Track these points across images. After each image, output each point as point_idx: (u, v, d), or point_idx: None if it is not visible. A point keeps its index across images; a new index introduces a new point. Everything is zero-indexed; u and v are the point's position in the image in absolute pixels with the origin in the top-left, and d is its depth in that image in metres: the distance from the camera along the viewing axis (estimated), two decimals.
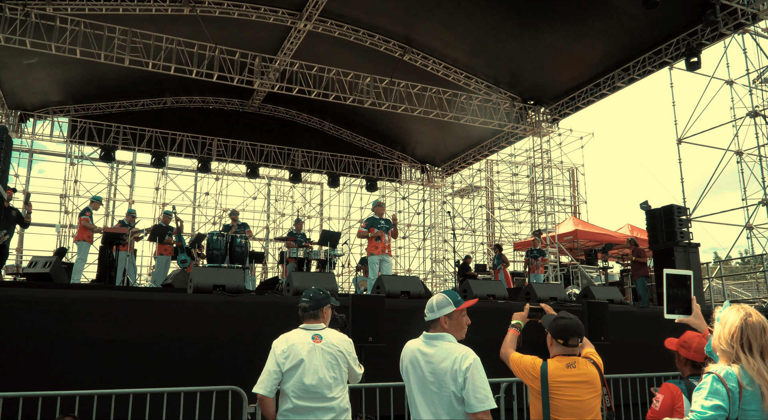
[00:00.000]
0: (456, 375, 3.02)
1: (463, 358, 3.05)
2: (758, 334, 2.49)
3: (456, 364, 3.04)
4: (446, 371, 3.06)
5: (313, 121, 20.83)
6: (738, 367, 2.47)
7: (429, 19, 14.55)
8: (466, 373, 2.99)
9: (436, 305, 3.25)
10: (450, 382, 3.03)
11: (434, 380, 3.10)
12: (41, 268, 9.31)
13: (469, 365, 3.01)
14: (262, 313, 6.81)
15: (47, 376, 5.56)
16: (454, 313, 3.25)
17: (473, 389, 2.97)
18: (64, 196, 19.72)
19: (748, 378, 2.44)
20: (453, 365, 3.04)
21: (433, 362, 3.13)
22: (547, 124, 17.37)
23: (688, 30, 12.97)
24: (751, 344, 2.47)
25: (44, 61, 14.36)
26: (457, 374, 3.01)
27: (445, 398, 3.04)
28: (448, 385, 3.04)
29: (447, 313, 3.21)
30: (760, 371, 2.42)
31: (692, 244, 11.99)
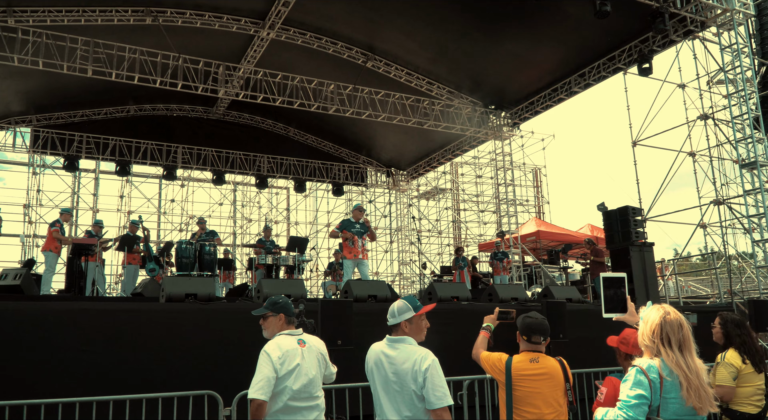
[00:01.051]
0: (416, 375, 3.31)
1: (422, 359, 3.34)
2: (675, 329, 2.85)
3: (416, 365, 3.33)
4: (407, 372, 3.35)
5: (278, 127, 20.98)
6: (659, 360, 2.83)
7: (391, 28, 14.89)
8: (426, 374, 3.29)
9: (397, 311, 3.55)
10: (411, 381, 3.33)
11: (396, 380, 3.39)
12: (12, 281, 9.33)
13: (428, 366, 3.31)
14: (233, 319, 7.00)
15: (22, 388, 5.68)
16: (414, 318, 3.54)
17: (432, 388, 3.27)
18: (27, 206, 19.50)
19: (667, 369, 2.80)
20: (413, 366, 3.33)
21: (396, 364, 3.42)
22: (508, 128, 17.85)
23: (640, 37, 13.57)
24: (670, 339, 2.83)
25: (5, 72, 14.27)
26: (417, 374, 3.31)
27: (407, 396, 3.34)
28: (409, 385, 3.33)
29: (407, 318, 3.51)
30: (678, 363, 2.78)
31: (647, 243, 12.48)
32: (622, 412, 2.82)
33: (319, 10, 14.31)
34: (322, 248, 24.26)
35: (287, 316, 4.01)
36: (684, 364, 2.78)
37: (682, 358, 2.80)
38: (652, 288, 11.80)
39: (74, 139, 18.07)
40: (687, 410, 2.79)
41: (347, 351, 6.25)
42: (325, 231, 24.87)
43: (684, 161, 15.76)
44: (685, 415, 2.80)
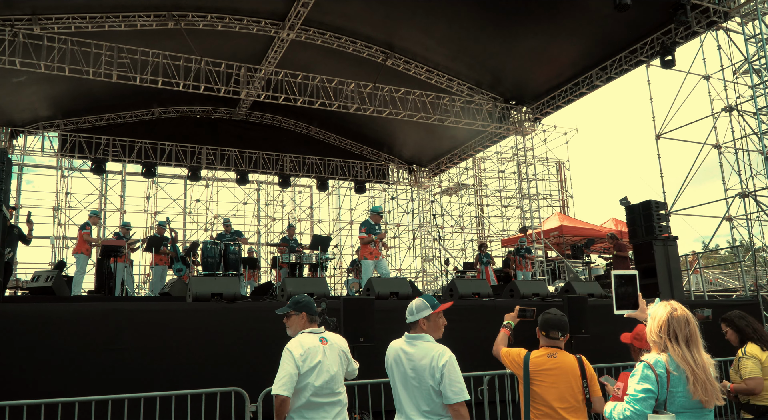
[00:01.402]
0: (434, 371, 3.44)
1: (440, 356, 3.47)
2: (682, 325, 2.93)
3: (434, 361, 3.46)
4: (425, 368, 3.47)
5: (300, 126, 21.17)
6: (666, 356, 2.90)
7: (409, 26, 14.94)
8: (443, 370, 3.42)
9: (415, 309, 3.68)
10: (429, 377, 3.46)
11: (415, 376, 3.52)
12: (43, 282, 9.61)
13: (446, 362, 3.43)
14: (258, 317, 7.15)
15: (57, 386, 5.88)
16: (432, 316, 3.67)
17: (449, 383, 3.40)
18: (56, 208, 19.95)
19: (674, 364, 2.87)
20: (431, 362, 3.46)
21: (414, 360, 3.54)
22: (529, 124, 17.80)
23: (662, 29, 13.43)
24: (677, 334, 2.91)
25: (33, 78, 14.60)
26: (435, 370, 3.43)
27: (425, 392, 3.47)
28: (427, 380, 3.46)
29: (425, 315, 3.64)
30: (685, 357, 2.85)
31: (671, 237, 12.40)
32: (630, 406, 2.90)
33: (338, 10, 14.40)
34: (345, 246, 24.42)
35: (309, 315, 4.12)
36: (691, 359, 2.85)
37: (689, 353, 2.87)
38: (676, 282, 11.72)
39: (101, 142, 18.44)
40: (694, 403, 2.85)
41: (370, 348, 6.36)
42: (348, 229, 25.04)
43: (709, 154, 15.59)
44: (691, 408, 2.87)
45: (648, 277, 11.94)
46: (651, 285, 11.71)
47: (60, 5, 12.97)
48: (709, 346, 3.61)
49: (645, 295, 8.09)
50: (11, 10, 12.75)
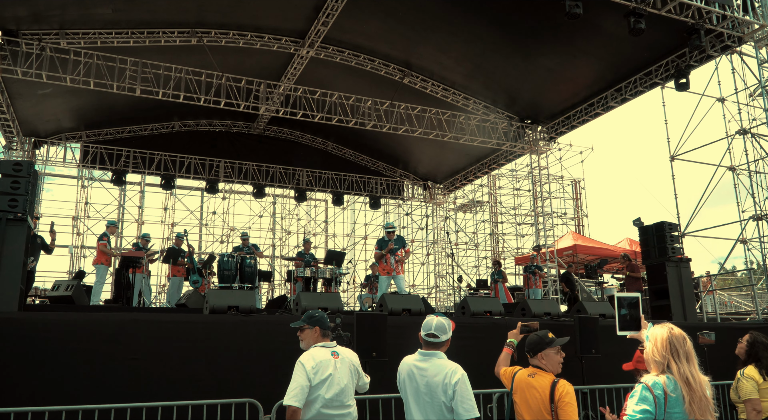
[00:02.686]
0: (446, 387, 3.59)
1: (452, 373, 3.63)
2: (681, 342, 3.09)
3: (447, 378, 3.61)
4: (438, 384, 3.63)
5: (316, 141, 21.43)
6: (664, 377, 3.03)
7: (426, 45, 15.16)
8: (455, 387, 3.57)
9: (448, 327, 3.86)
10: (441, 393, 3.61)
11: (427, 391, 3.67)
12: (64, 292, 9.83)
13: (458, 380, 3.59)
14: (273, 331, 7.29)
15: (77, 393, 6.05)
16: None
17: (461, 400, 3.55)
18: (75, 218, 20.30)
19: (672, 385, 2.99)
20: (444, 379, 3.61)
21: (427, 376, 3.69)
22: (544, 142, 17.90)
23: (677, 52, 13.53)
24: (678, 351, 3.03)
25: (57, 91, 14.96)
26: (447, 387, 3.59)
27: (437, 407, 3.61)
28: (439, 396, 3.61)
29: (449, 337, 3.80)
30: (684, 373, 2.97)
31: (684, 259, 12.41)
32: None
33: (357, 29, 14.66)
34: (359, 261, 24.54)
35: (322, 329, 4.26)
36: (690, 375, 2.99)
37: (688, 370, 3.01)
38: (688, 304, 11.73)
39: (122, 154, 18.80)
40: None
41: (382, 363, 6.47)
42: (363, 244, 25.18)
43: (723, 176, 15.59)
44: None
45: (660, 298, 11.97)
46: (663, 306, 11.73)
47: (87, 21, 13.33)
48: (713, 368, 3.71)
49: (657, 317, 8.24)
50: (39, 25, 13.13)
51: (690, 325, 8.62)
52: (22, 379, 6.03)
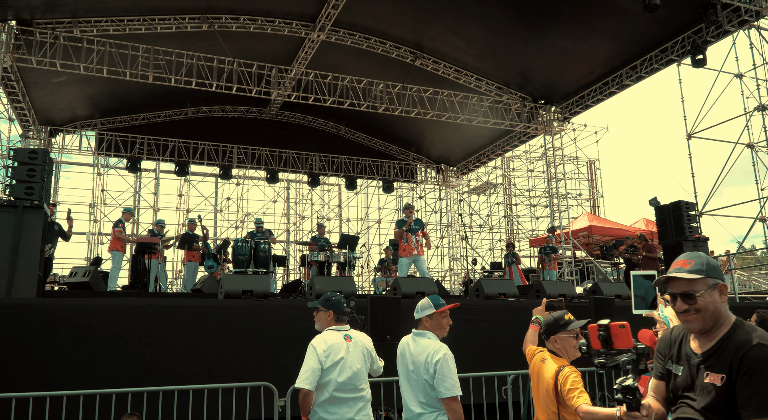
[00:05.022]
0: (428, 366, 3.69)
1: (435, 352, 3.71)
2: None
3: (429, 357, 3.71)
4: (421, 363, 3.74)
5: (329, 125, 21.40)
6: None
7: (438, 26, 15.01)
8: (436, 366, 3.66)
9: (420, 307, 3.98)
10: (424, 372, 3.72)
11: (414, 370, 3.80)
12: (81, 278, 9.96)
13: (439, 359, 3.67)
14: (287, 315, 7.34)
15: (95, 377, 6.14)
16: (434, 315, 3.91)
17: (441, 379, 3.64)
18: (92, 205, 20.49)
19: None
20: (426, 358, 3.72)
21: (414, 355, 3.83)
22: (558, 123, 17.73)
23: (693, 28, 13.28)
24: None
25: (71, 79, 15.05)
26: (429, 366, 3.69)
27: (421, 385, 3.74)
28: (422, 375, 3.73)
29: (427, 314, 3.89)
30: None
31: (701, 238, 12.29)
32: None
33: (368, 11, 14.55)
34: (372, 245, 24.58)
35: (336, 313, 4.27)
36: None
37: None
38: None
39: (136, 141, 18.92)
40: None
41: (395, 346, 6.48)
42: (376, 227, 25.19)
43: (742, 153, 15.38)
44: None
45: None
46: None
47: (99, 9, 13.36)
48: None
49: None
50: (53, 14, 13.18)
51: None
52: (40, 364, 6.13)
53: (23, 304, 6.63)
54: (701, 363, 2.25)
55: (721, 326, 2.26)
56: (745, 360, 2.10)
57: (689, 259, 2.30)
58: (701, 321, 2.24)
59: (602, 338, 2.34)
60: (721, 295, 2.26)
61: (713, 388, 2.16)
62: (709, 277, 2.24)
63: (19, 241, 7.56)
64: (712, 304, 2.23)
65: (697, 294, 2.22)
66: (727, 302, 2.30)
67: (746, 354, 2.11)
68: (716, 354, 2.22)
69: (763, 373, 2.06)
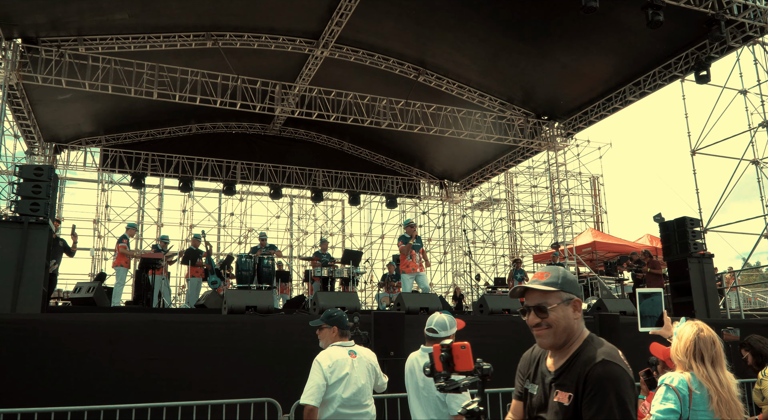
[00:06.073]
0: None
1: None
2: (708, 346, 2.97)
3: None
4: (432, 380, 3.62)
5: (332, 141, 21.47)
6: (689, 375, 2.95)
7: (441, 43, 15.11)
8: None
9: (449, 324, 3.82)
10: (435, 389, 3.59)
11: (425, 386, 3.79)
12: (85, 293, 9.95)
13: None
14: (291, 330, 7.31)
15: (99, 392, 6.11)
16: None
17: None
18: (96, 221, 20.53)
19: (697, 383, 2.92)
20: None
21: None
22: (561, 139, 17.77)
23: (697, 44, 13.32)
24: (703, 355, 2.95)
25: (77, 96, 15.14)
26: None
27: (432, 402, 3.74)
28: (433, 392, 3.72)
29: (453, 332, 3.81)
30: (710, 377, 2.90)
31: (706, 254, 12.23)
32: None
33: (371, 28, 14.65)
34: (376, 260, 24.54)
35: (340, 329, 4.26)
36: (716, 379, 2.89)
37: (714, 373, 2.92)
38: (711, 300, 11.55)
39: (140, 157, 19.00)
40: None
41: (399, 362, 6.45)
42: (379, 243, 25.17)
43: (746, 169, 15.36)
44: None
45: (683, 295, 11.80)
46: (686, 303, 11.56)
47: (104, 27, 13.48)
48: (737, 366, 3.64)
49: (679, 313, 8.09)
50: (58, 32, 13.30)
51: (713, 322, 8.49)
52: (44, 380, 6.10)
53: (27, 319, 6.62)
54: (553, 381, 2.19)
55: (573, 343, 2.20)
56: (590, 378, 2.05)
57: (547, 271, 2.25)
58: (552, 336, 2.18)
59: (444, 359, 2.19)
60: (574, 311, 2.20)
61: (561, 408, 2.10)
62: (563, 291, 2.18)
63: (24, 257, 7.56)
64: (564, 319, 2.17)
65: (549, 307, 2.16)
66: (582, 318, 2.24)
67: (591, 371, 2.05)
68: (566, 372, 2.16)
69: (606, 391, 2.00)
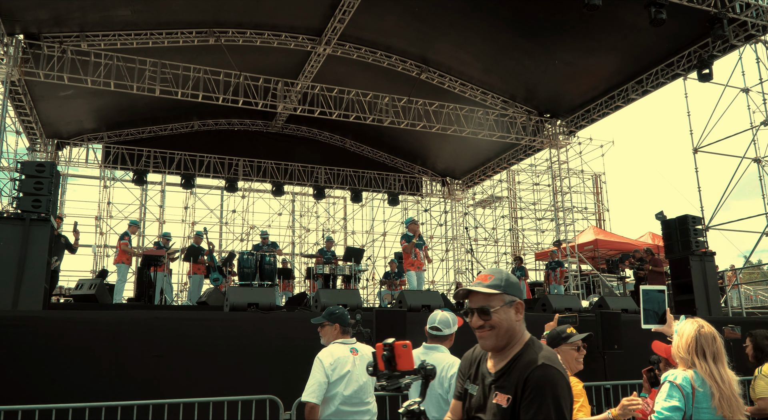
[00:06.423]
0: (442, 381, 3.69)
1: (449, 366, 3.72)
2: (710, 342, 2.97)
3: (443, 371, 3.71)
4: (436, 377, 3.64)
5: (334, 139, 21.46)
6: (692, 372, 2.94)
7: (444, 40, 15.08)
8: (451, 380, 3.66)
9: (452, 322, 3.86)
10: (438, 386, 3.71)
11: None
12: (87, 290, 9.96)
13: (454, 373, 3.62)
14: (292, 327, 7.32)
15: (101, 390, 6.12)
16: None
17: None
18: (98, 217, 20.55)
19: (700, 380, 2.91)
20: (441, 372, 3.70)
21: None
22: (563, 136, 17.74)
23: (699, 42, 13.30)
24: (704, 351, 2.95)
25: (79, 92, 15.14)
26: (444, 380, 3.69)
27: (435, 399, 3.71)
28: (436, 389, 3.71)
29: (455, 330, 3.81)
30: (711, 374, 2.89)
31: (708, 252, 12.22)
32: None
33: (374, 25, 14.63)
34: (378, 257, 24.54)
35: (342, 326, 4.25)
36: (717, 375, 2.90)
37: (716, 370, 2.92)
38: (713, 298, 11.55)
39: (142, 154, 19.00)
40: (718, 419, 2.89)
41: None
42: (381, 240, 25.16)
43: (748, 167, 15.33)
44: None
45: (684, 292, 11.80)
46: (687, 301, 11.56)
47: (107, 23, 13.47)
48: (738, 363, 3.63)
49: (681, 311, 8.05)
50: (60, 28, 13.29)
51: (714, 320, 8.49)
52: (46, 377, 6.11)
53: (29, 316, 6.63)
54: (493, 382, 2.20)
55: (515, 345, 2.21)
56: (529, 381, 2.05)
57: (490, 274, 2.26)
58: (494, 338, 2.19)
59: (386, 359, 2.17)
60: (516, 313, 2.21)
61: (499, 410, 2.10)
62: (506, 293, 2.19)
63: (26, 254, 7.57)
64: (506, 321, 2.18)
65: (492, 310, 2.17)
66: (524, 320, 2.24)
67: (530, 375, 2.06)
68: (506, 374, 2.16)
69: (544, 395, 2.01)
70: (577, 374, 3.86)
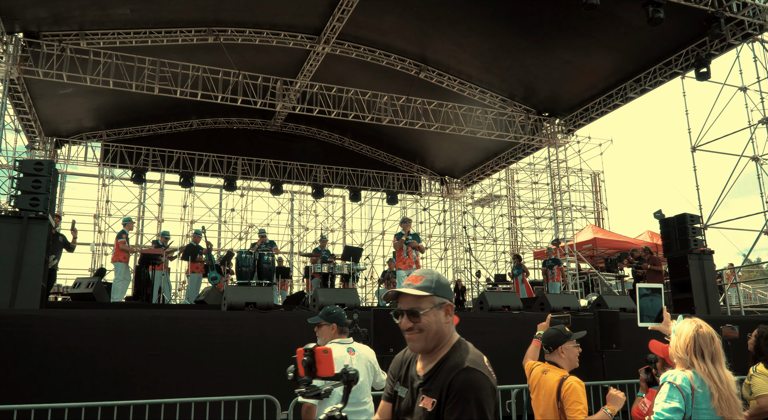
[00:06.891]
0: None
1: None
2: (708, 342, 2.96)
3: None
4: None
5: (333, 137, 21.45)
6: (691, 372, 2.93)
7: (442, 39, 15.08)
8: None
9: None
10: None
11: None
12: (85, 289, 9.96)
13: None
14: (290, 326, 7.32)
15: (98, 389, 6.12)
16: None
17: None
18: (97, 216, 20.54)
19: (699, 381, 2.91)
20: None
21: None
22: (562, 135, 17.74)
23: (697, 41, 13.30)
24: (702, 351, 2.94)
25: (78, 91, 15.14)
26: None
27: None
28: None
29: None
30: (710, 374, 2.89)
31: (706, 251, 12.23)
32: None
33: (373, 24, 14.61)
34: (376, 256, 24.55)
35: (339, 326, 4.25)
36: (716, 376, 2.89)
37: (715, 370, 2.91)
38: (711, 297, 11.56)
39: (141, 152, 18.99)
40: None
41: None
42: (380, 239, 25.18)
43: (746, 166, 15.36)
44: None
45: (683, 291, 11.80)
46: (686, 299, 11.57)
47: (106, 21, 13.46)
48: (736, 363, 3.63)
49: (680, 310, 8.06)
50: (60, 26, 13.28)
51: (713, 319, 8.50)
52: (43, 376, 6.11)
53: (26, 315, 6.62)
54: (420, 385, 2.19)
55: (442, 347, 2.19)
56: (453, 384, 2.04)
57: (421, 275, 2.24)
58: (423, 340, 2.17)
59: (306, 364, 2.14)
60: (446, 315, 2.19)
61: (425, 413, 2.09)
62: (436, 295, 2.18)
63: (24, 252, 7.57)
64: (435, 323, 2.16)
65: (421, 312, 2.15)
66: (453, 323, 2.23)
67: (455, 378, 2.05)
68: (433, 377, 2.15)
69: (467, 399, 2.00)
70: (576, 373, 3.91)
